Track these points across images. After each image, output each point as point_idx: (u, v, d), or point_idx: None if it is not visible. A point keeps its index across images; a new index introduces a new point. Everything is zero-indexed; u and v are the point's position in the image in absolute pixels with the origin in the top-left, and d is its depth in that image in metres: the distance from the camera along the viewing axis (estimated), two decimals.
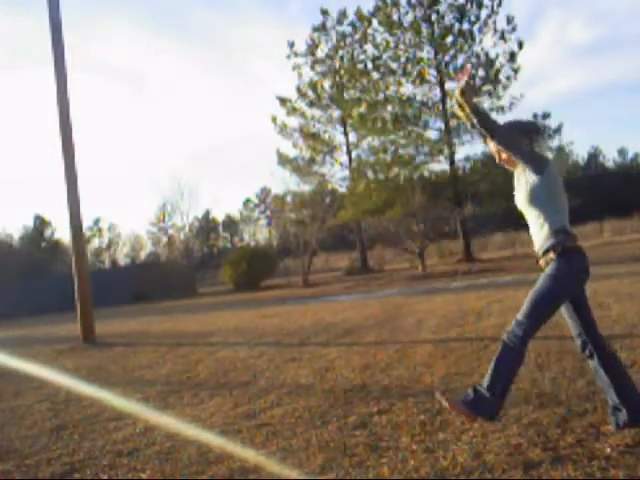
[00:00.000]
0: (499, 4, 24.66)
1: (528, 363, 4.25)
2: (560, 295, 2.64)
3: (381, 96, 26.27)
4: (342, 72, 30.21)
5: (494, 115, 25.32)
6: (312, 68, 31.18)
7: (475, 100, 2.78)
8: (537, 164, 2.71)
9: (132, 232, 65.08)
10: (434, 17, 25.02)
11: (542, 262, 2.72)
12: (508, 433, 2.82)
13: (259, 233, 68.23)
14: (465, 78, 2.74)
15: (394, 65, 25.83)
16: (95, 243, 63.96)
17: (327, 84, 31.29)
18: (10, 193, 76.74)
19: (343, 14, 30.32)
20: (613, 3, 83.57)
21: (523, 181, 2.80)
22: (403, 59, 25.62)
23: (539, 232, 2.75)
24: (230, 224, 70.73)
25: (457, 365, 4.51)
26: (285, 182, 33.06)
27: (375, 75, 26.75)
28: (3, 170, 76.01)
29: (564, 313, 2.78)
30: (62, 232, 59.30)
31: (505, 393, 2.62)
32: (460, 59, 25.22)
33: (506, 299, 8.63)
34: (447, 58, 25.37)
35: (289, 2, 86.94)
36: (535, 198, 2.74)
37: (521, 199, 2.85)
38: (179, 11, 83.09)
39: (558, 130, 25.26)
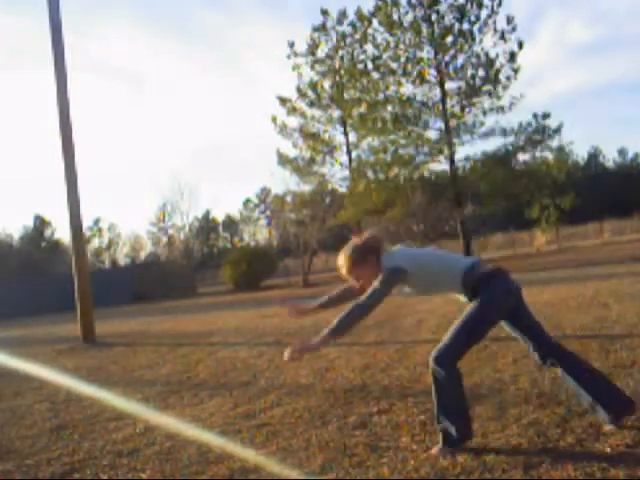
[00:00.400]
0: (499, 4, 24.65)
1: (528, 363, 4.25)
2: (488, 320, 2.75)
3: (381, 96, 26.24)
4: (342, 72, 30.18)
5: (494, 115, 25.41)
6: (312, 68, 31.15)
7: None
8: (393, 284, 2.70)
9: (132, 232, 65.14)
10: (434, 17, 24.99)
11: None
12: (508, 433, 2.82)
13: (259, 233, 68.27)
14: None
15: (394, 65, 25.80)
16: (95, 243, 63.97)
17: (327, 84, 31.26)
18: (10, 193, 76.86)
19: (343, 14, 30.30)
20: (613, 3, 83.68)
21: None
22: (403, 59, 25.59)
23: (456, 291, 2.82)
24: (230, 224, 70.74)
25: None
26: (285, 182, 33.00)
27: (375, 75, 26.73)
28: (3, 170, 76.11)
29: (512, 333, 2.88)
30: (62, 232, 59.37)
31: (463, 412, 2.68)
32: (460, 59, 25.22)
33: None
34: (447, 58, 25.33)
35: (288, 2, 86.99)
36: (424, 286, 2.81)
37: (421, 292, 2.92)
38: (178, 11, 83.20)
39: (558, 130, 25.23)
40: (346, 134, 31.80)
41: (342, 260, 2.82)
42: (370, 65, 27.26)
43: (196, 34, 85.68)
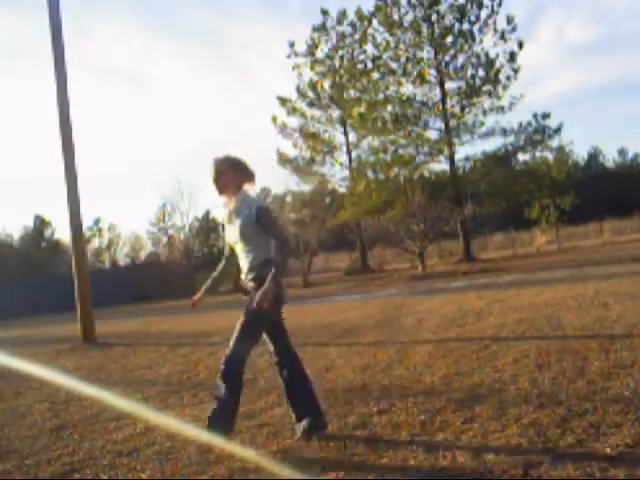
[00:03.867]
0: (499, 4, 24.67)
1: (528, 363, 4.26)
2: (262, 322, 3.02)
3: (381, 96, 26.26)
4: (342, 72, 30.19)
5: (494, 115, 25.43)
6: (312, 68, 31.14)
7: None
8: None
9: (132, 232, 65.10)
10: (434, 17, 25.01)
11: (248, 285, 3.09)
12: (508, 433, 2.82)
13: None
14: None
15: (394, 65, 25.83)
16: (95, 243, 63.92)
17: (327, 84, 31.26)
18: (10, 193, 76.85)
19: (343, 14, 30.30)
20: (612, 1, 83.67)
21: (235, 220, 3.06)
22: (403, 59, 25.62)
23: (245, 262, 3.08)
24: None
25: (457, 365, 4.51)
26: (285, 182, 33.04)
27: (375, 75, 26.76)
28: (3, 170, 76.10)
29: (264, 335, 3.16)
30: (62, 232, 59.27)
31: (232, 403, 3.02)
32: (460, 59, 25.25)
33: (506, 299, 8.63)
34: (447, 58, 25.36)
35: (288, 1, 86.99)
36: (247, 233, 3.03)
37: (234, 235, 3.11)
38: (178, 11, 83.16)
39: (558, 130, 25.24)
40: (346, 134, 31.81)
41: (215, 165, 3.12)
42: (370, 65, 27.29)
43: (196, 34, 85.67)
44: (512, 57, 24.70)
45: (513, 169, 26.78)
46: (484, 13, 24.76)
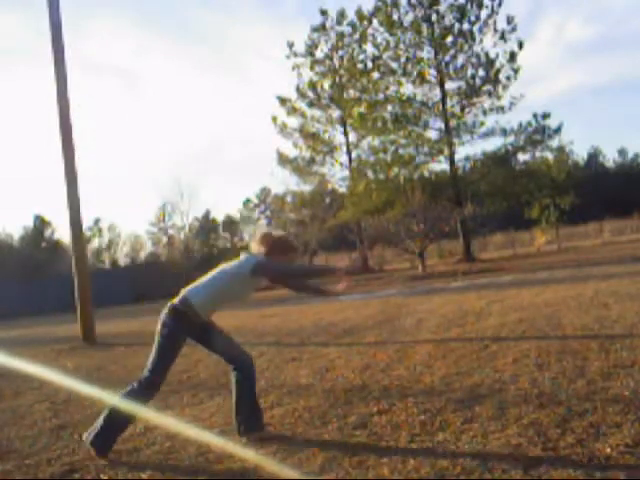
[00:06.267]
0: (499, 4, 24.68)
1: (528, 363, 4.26)
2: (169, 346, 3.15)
3: (381, 96, 26.26)
4: (342, 72, 30.19)
5: (494, 115, 25.44)
6: (312, 68, 31.14)
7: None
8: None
9: (132, 232, 65.12)
10: (434, 17, 25.01)
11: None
12: (508, 433, 2.82)
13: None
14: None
15: (394, 65, 25.84)
16: (95, 243, 63.92)
17: (327, 84, 31.26)
18: (10, 193, 76.82)
19: (342, 14, 30.29)
20: (612, 0, 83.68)
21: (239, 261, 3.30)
22: (403, 59, 25.63)
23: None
24: (230, 224, 70.71)
25: (457, 365, 4.51)
26: (285, 182, 33.04)
27: (375, 75, 26.75)
28: (3, 170, 76.09)
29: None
30: (62, 232, 59.26)
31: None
32: (460, 59, 25.26)
33: (506, 299, 8.63)
34: (447, 58, 25.37)
35: (287, 1, 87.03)
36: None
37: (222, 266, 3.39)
38: (177, 10, 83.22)
39: (558, 130, 25.24)
40: (346, 134, 31.80)
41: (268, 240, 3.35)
42: (370, 65, 27.27)
43: (195, 33, 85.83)
44: (512, 57, 24.71)
45: (513, 169, 26.78)
46: (484, 13, 24.80)
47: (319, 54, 31.02)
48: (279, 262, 3.25)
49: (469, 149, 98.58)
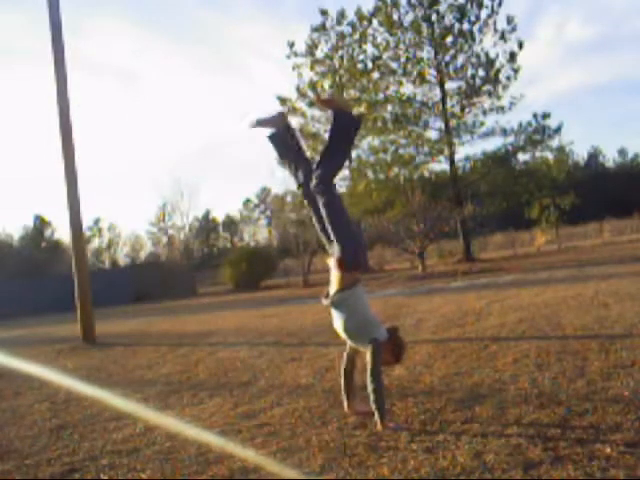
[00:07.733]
0: (499, 4, 24.64)
1: (528, 363, 4.26)
2: None
3: (381, 96, 26.25)
4: (342, 72, 30.17)
5: (494, 115, 25.42)
6: (312, 68, 31.12)
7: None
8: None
9: (132, 232, 65.16)
10: (434, 17, 24.99)
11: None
12: (508, 433, 2.82)
13: (259, 233, 68.23)
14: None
15: (394, 65, 25.83)
16: (95, 243, 63.95)
17: (327, 84, 31.23)
18: (10, 193, 76.85)
19: (342, 14, 30.26)
20: (612, 0, 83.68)
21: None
22: (403, 59, 25.61)
23: None
24: (230, 224, 70.73)
25: (457, 365, 4.51)
26: (285, 182, 32.95)
27: (375, 75, 26.73)
28: (3, 170, 76.11)
29: None
30: (62, 232, 59.30)
31: None
32: (460, 59, 25.24)
33: (506, 299, 8.63)
34: (447, 58, 25.35)
35: (285, 0, 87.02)
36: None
37: None
38: (176, 10, 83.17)
39: (558, 130, 25.23)
40: None
41: None
42: (370, 65, 27.25)
43: (195, 33, 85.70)
44: (512, 57, 24.69)
45: (513, 169, 26.78)
46: (484, 13, 24.77)
47: (319, 54, 31.02)
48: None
49: (469, 149, 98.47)
